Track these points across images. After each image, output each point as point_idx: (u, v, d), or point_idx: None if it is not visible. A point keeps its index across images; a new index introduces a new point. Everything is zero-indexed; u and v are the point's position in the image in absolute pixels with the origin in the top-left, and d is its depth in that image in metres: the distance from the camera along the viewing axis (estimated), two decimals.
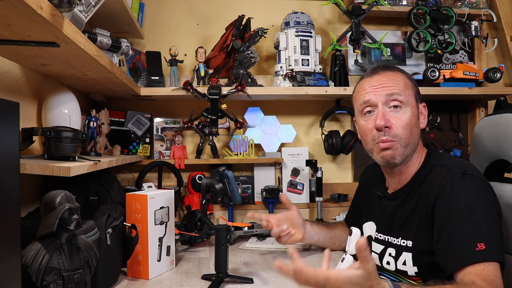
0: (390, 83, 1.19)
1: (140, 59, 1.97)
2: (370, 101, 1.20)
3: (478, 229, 1.02)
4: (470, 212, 1.04)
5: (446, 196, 1.08)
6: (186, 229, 1.68)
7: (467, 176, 1.09)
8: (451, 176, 1.10)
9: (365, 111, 1.22)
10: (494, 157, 1.30)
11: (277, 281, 1.24)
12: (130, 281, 1.25)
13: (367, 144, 1.24)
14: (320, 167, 1.99)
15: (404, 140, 1.17)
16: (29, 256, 0.88)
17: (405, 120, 1.17)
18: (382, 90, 1.19)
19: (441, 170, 1.14)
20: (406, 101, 1.18)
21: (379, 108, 1.18)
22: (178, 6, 2.11)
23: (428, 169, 1.19)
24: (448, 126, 2.21)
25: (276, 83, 1.96)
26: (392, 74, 1.22)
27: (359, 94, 1.25)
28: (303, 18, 1.97)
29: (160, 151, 2.00)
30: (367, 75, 1.26)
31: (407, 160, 1.20)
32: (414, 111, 1.20)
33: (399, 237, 1.20)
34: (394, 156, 1.17)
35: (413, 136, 1.18)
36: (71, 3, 0.85)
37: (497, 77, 1.98)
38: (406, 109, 1.18)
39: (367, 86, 1.22)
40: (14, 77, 1.18)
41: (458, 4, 2.14)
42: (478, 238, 1.00)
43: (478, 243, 0.99)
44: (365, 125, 1.22)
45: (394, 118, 1.17)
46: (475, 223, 1.03)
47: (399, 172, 1.23)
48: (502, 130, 1.24)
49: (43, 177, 1.35)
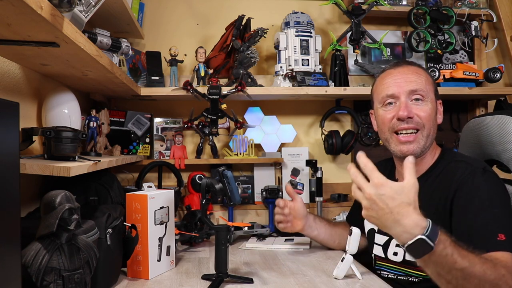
0: (413, 78, 1.23)
1: (140, 59, 1.97)
2: (393, 95, 1.23)
3: (498, 221, 1.05)
4: (491, 205, 1.07)
5: (468, 188, 1.11)
6: (186, 229, 1.68)
7: (487, 172, 1.13)
8: (471, 171, 1.13)
9: (386, 102, 1.25)
10: (484, 157, 1.33)
11: (277, 281, 1.24)
12: (130, 281, 1.25)
13: (384, 134, 1.27)
14: (320, 167, 1.99)
15: (426, 129, 1.21)
16: (29, 256, 0.88)
17: (428, 111, 1.21)
18: (405, 84, 1.22)
19: (461, 165, 1.17)
20: (427, 95, 1.22)
21: (401, 100, 1.21)
22: (178, 6, 2.11)
23: (444, 164, 1.22)
24: (448, 126, 2.21)
25: (276, 83, 1.96)
26: (415, 69, 1.26)
27: (381, 86, 1.27)
28: (303, 18, 1.97)
29: (160, 151, 2.00)
30: (389, 68, 1.29)
31: (424, 152, 1.23)
32: (434, 106, 1.24)
33: None
34: (414, 150, 1.21)
35: (434, 128, 1.23)
36: (71, 3, 0.85)
37: (497, 77, 1.98)
38: (427, 102, 1.22)
39: (390, 79, 1.25)
40: (14, 77, 1.18)
41: (458, 4, 2.14)
42: (499, 229, 1.03)
43: (499, 234, 1.02)
44: (384, 114, 1.25)
45: (416, 109, 1.21)
46: (496, 215, 1.06)
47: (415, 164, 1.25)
48: (495, 131, 1.26)
49: (43, 177, 1.35)
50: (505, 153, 1.24)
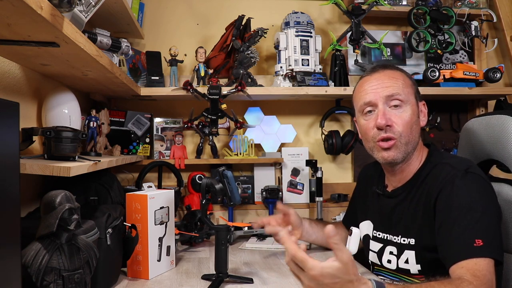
0: (390, 83, 1.20)
1: (140, 59, 1.97)
2: (370, 102, 1.21)
3: (477, 226, 1.03)
4: (470, 209, 1.05)
5: (448, 192, 1.09)
6: (186, 229, 1.68)
7: (469, 174, 1.10)
8: (453, 173, 1.11)
9: (366, 110, 1.22)
10: (483, 157, 1.33)
11: (277, 281, 1.24)
12: (130, 281, 1.25)
13: (368, 143, 1.24)
14: (320, 167, 1.99)
15: (404, 137, 1.18)
16: (29, 256, 0.88)
17: (406, 118, 1.18)
18: (382, 90, 1.19)
19: (444, 167, 1.15)
20: (406, 100, 1.19)
21: (379, 107, 1.19)
22: (178, 6, 2.11)
23: (430, 167, 1.20)
24: (448, 126, 2.21)
25: (276, 83, 1.96)
26: (391, 73, 1.23)
27: (359, 94, 1.25)
28: (303, 18, 1.97)
29: (160, 151, 2.00)
30: (366, 75, 1.27)
31: (408, 158, 1.21)
32: (414, 109, 1.21)
33: (398, 235, 1.21)
34: (395, 156, 1.18)
35: (414, 134, 1.19)
36: (71, 3, 0.85)
37: (497, 77, 1.98)
38: (407, 107, 1.19)
39: (367, 86, 1.23)
40: (14, 77, 1.18)
41: (458, 4, 2.14)
42: (476, 234, 1.02)
43: (476, 239, 1.01)
44: (366, 124, 1.22)
45: (395, 116, 1.18)
46: (474, 219, 1.04)
47: (400, 170, 1.24)
48: (495, 131, 1.26)
49: (43, 177, 1.35)
50: (504, 153, 1.23)
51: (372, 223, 1.32)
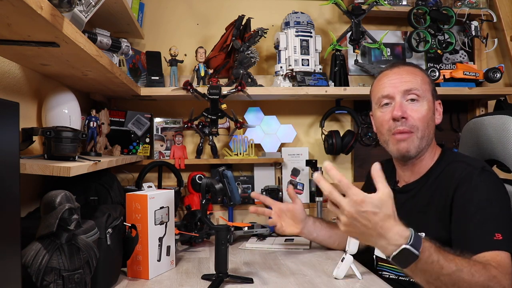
0: (408, 78, 1.23)
1: (140, 59, 1.97)
2: (388, 95, 1.23)
3: (496, 220, 1.05)
4: (489, 204, 1.07)
5: (466, 188, 1.11)
6: (186, 229, 1.68)
7: (486, 172, 1.13)
8: (470, 171, 1.13)
9: (383, 103, 1.25)
10: (484, 157, 1.33)
11: (277, 281, 1.24)
12: (130, 281, 1.25)
13: (382, 135, 1.27)
14: (320, 167, 1.99)
15: (420, 131, 1.20)
16: (29, 256, 0.88)
17: (423, 112, 1.20)
18: (400, 84, 1.22)
19: (460, 165, 1.17)
20: (423, 95, 1.22)
21: (396, 100, 1.22)
22: (178, 6, 2.11)
23: (443, 165, 1.22)
24: (448, 126, 2.21)
25: (276, 83, 1.96)
26: (411, 69, 1.26)
27: (377, 87, 1.28)
28: (303, 18, 1.97)
29: (160, 151, 2.00)
30: (385, 69, 1.30)
31: (421, 153, 1.23)
32: (431, 106, 1.23)
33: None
34: (409, 149, 1.21)
35: (429, 129, 1.22)
36: (71, 3, 0.85)
37: (497, 77, 1.98)
38: (423, 102, 1.22)
39: (386, 80, 1.26)
40: (14, 77, 1.18)
41: (458, 4, 2.14)
42: (496, 228, 1.03)
43: (496, 233, 1.02)
44: (382, 116, 1.25)
45: (411, 109, 1.21)
46: (493, 214, 1.06)
47: (412, 165, 1.26)
48: (495, 131, 1.26)
49: (43, 177, 1.35)
50: (505, 153, 1.24)
51: None
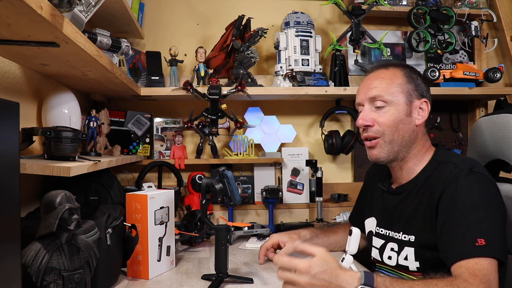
0: (375, 84, 1.22)
1: (140, 59, 1.97)
2: (359, 102, 1.26)
3: (479, 225, 1.03)
4: (473, 208, 1.05)
5: (451, 191, 1.09)
6: (186, 229, 1.68)
7: (473, 174, 1.10)
8: (457, 173, 1.11)
9: (359, 110, 1.27)
10: (490, 156, 1.31)
11: (277, 281, 1.23)
12: (130, 281, 1.25)
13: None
14: (320, 167, 1.99)
15: (388, 136, 1.20)
16: (29, 256, 0.88)
17: (389, 118, 1.19)
18: (367, 91, 1.23)
19: (448, 166, 1.15)
20: (390, 100, 1.20)
21: (365, 107, 1.24)
22: (178, 6, 2.11)
23: (434, 166, 1.20)
24: (448, 126, 2.21)
25: (276, 83, 1.96)
26: (382, 73, 1.24)
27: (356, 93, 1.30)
28: (303, 18, 1.97)
29: (160, 151, 2.00)
30: (366, 74, 1.32)
31: (402, 156, 1.22)
32: (401, 108, 1.19)
33: (400, 232, 1.21)
34: (378, 155, 1.22)
35: (400, 133, 1.19)
36: (71, 3, 0.85)
37: (497, 77, 1.98)
38: (391, 107, 1.20)
39: (361, 86, 1.28)
40: (14, 77, 1.18)
41: (458, 4, 2.14)
42: (479, 233, 1.01)
43: (478, 238, 1.00)
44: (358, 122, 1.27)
45: (377, 116, 1.21)
46: (477, 219, 1.03)
47: (399, 167, 1.25)
48: (500, 130, 1.25)
49: (43, 177, 1.35)
50: (509, 153, 1.21)
51: (376, 219, 1.33)
